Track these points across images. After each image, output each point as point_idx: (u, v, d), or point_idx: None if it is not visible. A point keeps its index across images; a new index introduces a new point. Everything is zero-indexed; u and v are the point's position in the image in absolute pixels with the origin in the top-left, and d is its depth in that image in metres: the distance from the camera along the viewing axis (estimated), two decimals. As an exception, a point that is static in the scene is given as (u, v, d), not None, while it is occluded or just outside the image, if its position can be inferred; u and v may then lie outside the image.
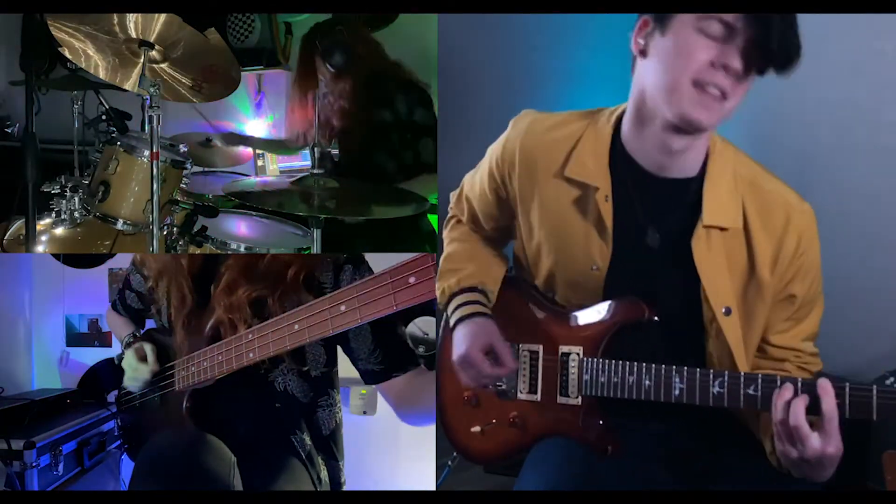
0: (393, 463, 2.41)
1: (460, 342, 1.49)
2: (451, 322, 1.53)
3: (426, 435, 2.17)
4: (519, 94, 2.85)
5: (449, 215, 1.74)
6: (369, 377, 1.62)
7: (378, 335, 1.58)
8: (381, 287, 1.21)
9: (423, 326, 2.39)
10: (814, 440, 1.16)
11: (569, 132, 1.43)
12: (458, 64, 2.76)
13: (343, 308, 1.28)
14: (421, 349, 2.38)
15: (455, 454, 1.64)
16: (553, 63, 2.96)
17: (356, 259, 1.60)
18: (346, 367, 1.70)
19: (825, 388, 1.16)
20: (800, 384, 1.20)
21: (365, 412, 2.45)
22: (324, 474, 1.66)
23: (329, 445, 1.71)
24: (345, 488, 1.74)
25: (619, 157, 1.38)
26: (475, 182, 1.62)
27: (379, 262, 1.72)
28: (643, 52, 1.29)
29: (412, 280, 1.17)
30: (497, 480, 2.09)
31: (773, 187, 1.36)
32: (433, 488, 2.05)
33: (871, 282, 2.43)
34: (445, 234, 1.71)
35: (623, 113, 1.41)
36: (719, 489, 1.37)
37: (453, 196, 1.73)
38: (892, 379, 2.37)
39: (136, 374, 1.74)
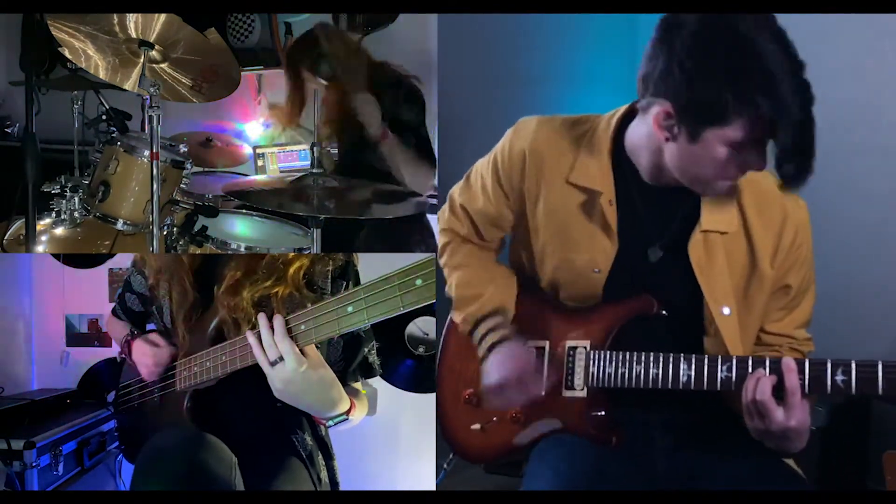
0: (392, 463, 2.41)
1: (495, 369, 1.48)
2: (483, 349, 1.52)
3: (426, 435, 2.17)
4: (519, 94, 2.85)
5: (444, 240, 1.68)
6: None
7: (348, 347, 1.61)
8: (388, 289, 1.22)
9: (423, 326, 2.39)
10: (778, 414, 1.24)
11: (572, 138, 1.47)
12: (457, 64, 2.76)
13: (350, 309, 1.28)
14: (421, 349, 2.38)
15: (451, 456, 1.63)
16: (553, 63, 2.96)
17: (354, 276, 1.64)
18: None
19: (788, 365, 1.25)
20: (768, 364, 1.28)
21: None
22: (324, 474, 1.66)
23: (326, 444, 1.72)
24: (339, 488, 1.74)
25: (621, 161, 1.42)
26: (475, 195, 1.61)
27: (379, 262, 1.73)
28: (668, 140, 1.31)
29: (419, 283, 1.18)
30: (497, 480, 2.09)
31: (769, 184, 1.40)
32: (433, 488, 2.05)
33: (871, 282, 2.43)
34: (445, 259, 1.67)
35: (622, 116, 1.43)
36: (718, 489, 1.38)
37: (442, 216, 1.70)
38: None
39: (155, 359, 1.71)
